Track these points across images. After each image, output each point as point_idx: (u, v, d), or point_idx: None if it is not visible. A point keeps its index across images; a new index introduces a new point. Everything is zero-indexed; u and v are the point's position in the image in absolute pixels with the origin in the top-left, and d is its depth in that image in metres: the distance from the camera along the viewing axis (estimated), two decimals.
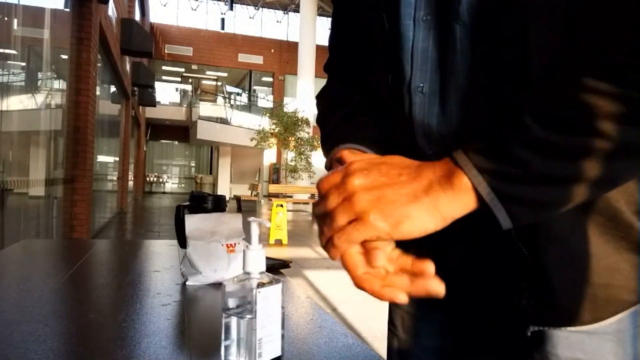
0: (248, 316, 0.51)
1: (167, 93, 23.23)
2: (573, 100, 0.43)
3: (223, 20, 23.03)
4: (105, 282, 1.04)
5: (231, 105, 22.37)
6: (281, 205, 7.17)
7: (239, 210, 12.47)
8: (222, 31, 22.87)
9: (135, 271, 1.12)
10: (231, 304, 0.53)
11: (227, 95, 23.63)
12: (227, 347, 0.53)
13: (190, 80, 23.55)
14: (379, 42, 0.63)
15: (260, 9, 23.85)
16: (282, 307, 0.54)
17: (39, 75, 5.20)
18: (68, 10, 5.37)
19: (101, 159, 8.20)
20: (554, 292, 0.53)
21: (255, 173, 20.39)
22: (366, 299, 0.59)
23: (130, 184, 14.69)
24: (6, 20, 3.80)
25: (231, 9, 21.52)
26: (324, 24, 21.04)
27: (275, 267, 1.19)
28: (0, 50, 3.90)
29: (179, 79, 23.97)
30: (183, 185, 24.83)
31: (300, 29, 17.41)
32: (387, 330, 0.78)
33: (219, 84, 24.38)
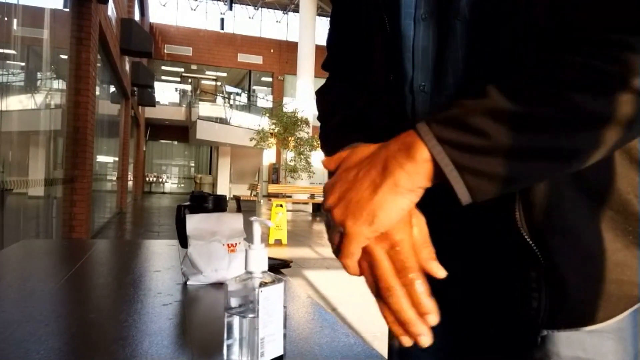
0: (250, 315, 0.51)
1: (167, 93, 23.22)
2: (536, 70, 0.42)
3: (222, 20, 23.03)
4: (105, 282, 1.04)
5: (230, 105, 22.37)
6: (281, 205, 7.17)
7: (238, 210, 12.47)
8: (222, 31, 22.87)
9: (136, 271, 1.12)
10: (233, 303, 0.53)
11: (227, 95, 23.62)
12: (230, 346, 0.53)
13: (189, 80, 23.54)
14: (379, 42, 0.63)
15: (260, 9, 23.85)
16: (284, 307, 0.54)
17: (39, 75, 5.20)
18: (67, 10, 5.37)
19: (101, 159, 8.20)
20: (569, 292, 0.52)
21: (255, 173, 20.38)
22: (366, 299, 0.59)
23: (130, 184, 14.68)
24: (6, 20, 3.79)
25: (230, 9, 21.52)
26: (324, 24, 21.03)
27: (276, 267, 1.19)
28: (0, 50, 3.89)
29: (178, 79, 23.96)
30: (182, 185, 24.81)
31: (299, 29, 17.42)
32: (388, 330, 0.78)
33: (219, 84, 24.38)
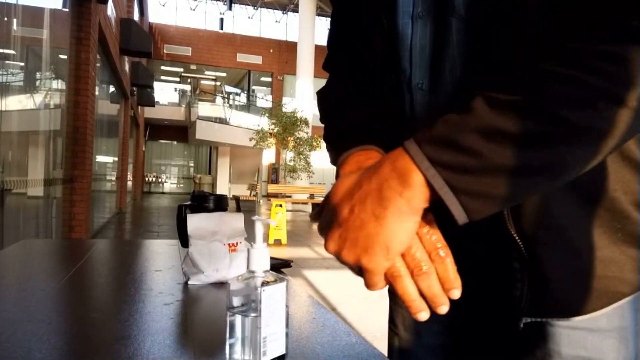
0: (253, 314, 0.51)
1: (166, 93, 23.22)
2: (522, 82, 0.41)
3: (222, 20, 23.03)
4: (106, 282, 1.04)
5: (230, 105, 22.37)
6: (280, 205, 7.17)
7: (238, 210, 12.47)
8: (221, 31, 22.87)
9: (137, 271, 1.12)
10: (236, 302, 0.53)
11: (226, 95, 23.62)
12: (232, 346, 0.53)
13: (189, 80, 23.54)
14: (378, 41, 0.63)
15: (259, 9, 23.85)
16: (287, 306, 0.54)
17: (38, 75, 5.19)
18: (67, 10, 5.37)
19: (100, 159, 8.19)
20: (548, 283, 0.53)
21: (254, 173, 20.37)
22: (365, 299, 0.59)
23: (129, 184, 14.68)
24: (5, 20, 3.79)
25: (230, 9, 21.51)
26: (323, 24, 21.05)
27: (277, 267, 1.19)
28: (0, 50, 3.89)
29: (177, 79, 23.96)
30: (182, 185, 24.80)
31: (299, 29, 17.42)
32: (388, 330, 0.78)
33: (218, 84, 24.38)
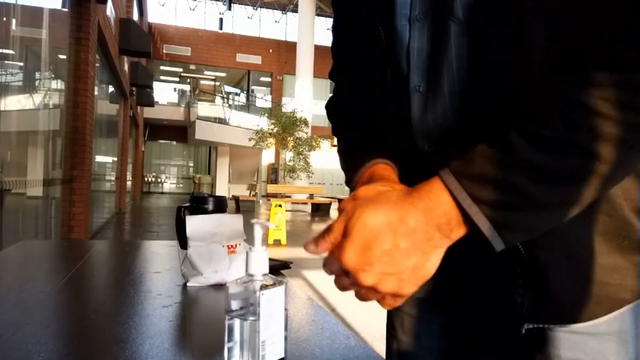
0: (251, 318, 0.51)
1: (166, 93, 23.19)
2: (559, 117, 0.42)
3: (221, 20, 23.02)
4: (105, 283, 1.04)
5: (229, 105, 22.35)
6: (280, 206, 7.17)
7: (237, 210, 12.46)
8: (220, 31, 22.86)
9: (136, 272, 1.11)
10: (234, 305, 0.53)
11: (226, 95, 23.61)
12: (230, 349, 0.53)
13: (188, 80, 23.52)
14: (379, 46, 0.63)
15: (259, 9, 23.84)
16: (285, 309, 0.54)
17: (37, 75, 5.19)
18: (66, 10, 5.36)
19: (99, 159, 8.19)
20: (549, 288, 0.53)
21: (254, 173, 20.36)
22: None
23: (129, 184, 14.66)
24: (4, 20, 3.79)
25: (229, 9, 21.49)
26: (323, 24, 21.06)
27: (276, 268, 1.19)
28: None
29: (177, 79, 23.93)
30: (181, 185, 24.78)
31: (298, 29, 17.41)
32: (386, 333, 0.78)
33: (217, 84, 24.36)
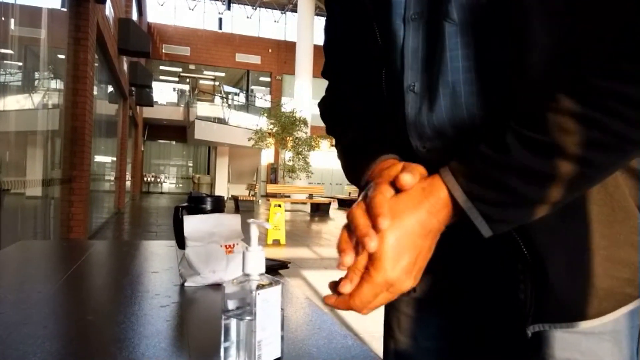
0: (247, 318, 0.51)
1: (165, 93, 23.16)
2: (554, 124, 0.46)
3: (220, 20, 23.01)
4: (103, 284, 1.04)
5: (229, 105, 22.35)
6: (279, 205, 7.16)
7: (237, 210, 12.46)
8: (220, 31, 22.84)
9: (134, 272, 1.12)
10: (231, 305, 0.53)
11: (225, 95, 23.60)
12: (227, 349, 0.53)
13: (187, 80, 23.50)
14: (372, 45, 0.63)
15: (258, 8, 23.83)
16: (282, 309, 0.54)
17: (36, 75, 5.19)
18: (65, 10, 5.36)
19: (98, 159, 8.18)
20: (553, 286, 0.52)
21: (253, 173, 20.36)
22: None
23: (128, 184, 14.65)
24: (3, 20, 3.78)
25: (229, 8, 21.47)
26: (322, 24, 20.88)
27: (274, 268, 1.19)
28: None
29: (176, 79, 23.91)
30: (181, 185, 24.76)
31: (297, 28, 17.41)
32: (383, 332, 0.78)
33: (217, 83, 24.35)
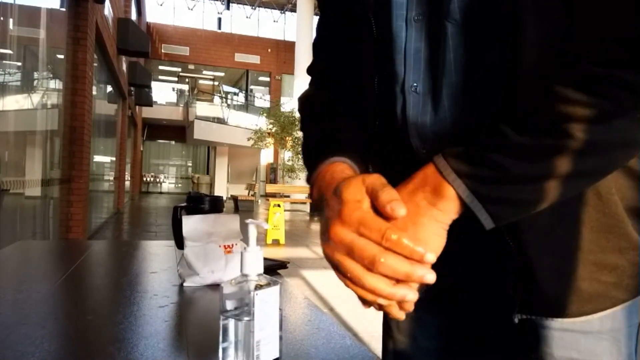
0: (246, 318, 0.51)
1: (164, 93, 23.15)
2: (544, 106, 0.46)
3: (220, 19, 22.99)
4: (102, 284, 1.04)
5: (228, 105, 22.34)
6: (278, 205, 7.16)
7: (236, 210, 12.45)
8: (219, 31, 22.82)
9: (132, 272, 1.11)
10: (229, 306, 0.53)
11: (224, 95, 23.59)
12: (225, 349, 0.53)
13: (187, 80, 23.49)
14: (367, 44, 0.63)
15: (257, 8, 23.82)
16: (280, 309, 0.54)
17: (35, 75, 5.19)
18: (64, 9, 5.36)
19: (98, 159, 8.18)
20: (538, 281, 0.54)
21: (253, 173, 20.37)
22: None
23: (127, 184, 14.65)
24: (1, 19, 3.78)
25: (228, 8, 21.48)
26: None
27: (273, 268, 1.19)
28: None
29: (175, 79, 23.89)
30: (180, 185, 24.75)
31: (297, 28, 17.40)
32: (382, 332, 0.78)
33: (216, 83, 24.34)
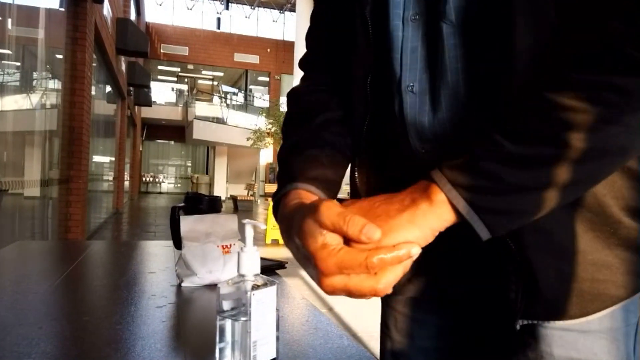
0: (243, 318, 0.51)
1: (163, 93, 23.14)
2: (538, 115, 0.45)
3: (219, 19, 22.99)
4: (100, 284, 1.04)
5: (227, 105, 22.34)
6: None
7: (235, 210, 12.45)
8: (218, 31, 22.82)
9: (130, 273, 1.11)
10: (226, 306, 0.52)
11: (223, 95, 23.59)
12: (222, 350, 0.53)
13: (186, 79, 23.48)
14: (362, 42, 0.62)
15: (256, 8, 23.81)
16: (277, 310, 0.54)
17: (34, 75, 5.18)
18: (63, 10, 5.35)
19: (97, 159, 8.17)
20: (539, 285, 0.54)
21: (252, 173, 20.36)
22: (363, 299, 0.59)
23: (126, 184, 14.64)
24: (0, 19, 3.77)
25: (227, 8, 21.47)
26: None
27: (271, 268, 1.19)
28: None
29: (174, 79, 23.88)
30: (179, 185, 24.74)
31: (296, 28, 17.40)
32: (380, 332, 0.78)
33: (215, 83, 24.34)
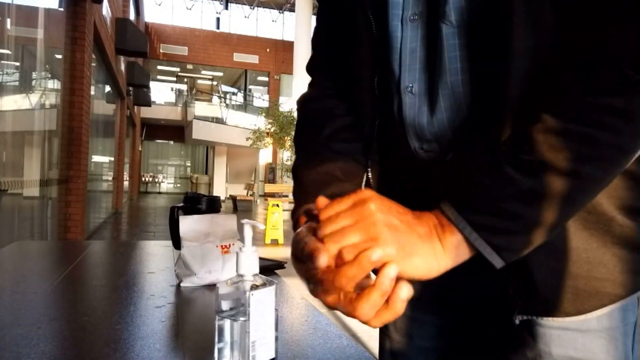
0: (241, 319, 0.51)
1: (163, 93, 23.12)
2: (544, 143, 0.44)
3: (218, 19, 22.97)
4: (99, 284, 1.04)
5: (227, 105, 22.32)
6: (277, 205, 7.16)
7: (234, 210, 12.45)
8: (218, 30, 22.80)
9: (130, 273, 1.11)
10: (224, 306, 0.53)
11: (223, 95, 23.57)
12: (221, 350, 0.53)
13: (185, 79, 23.47)
14: (365, 43, 0.62)
15: (256, 8, 23.80)
16: (276, 310, 0.54)
17: (33, 75, 5.17)
18: (62, 9, 5.35)
19: (96, 159, 8.16)
20: (535, 282, 0.54)
21: (251, 173, 20.35)
22: None
23: (126, 184, 14.63)
24: (0, 19, 3.77)
25: (226, 8, 21.45)
26: None
27: (270, 268, 1.19)
28: None
29: (174, 79, 23.87)
30: (179, 185, 24.73)
31: (295, 28, 17.39)
32: (379, 332, 0.78)
33: (215, 83, 24.32)
